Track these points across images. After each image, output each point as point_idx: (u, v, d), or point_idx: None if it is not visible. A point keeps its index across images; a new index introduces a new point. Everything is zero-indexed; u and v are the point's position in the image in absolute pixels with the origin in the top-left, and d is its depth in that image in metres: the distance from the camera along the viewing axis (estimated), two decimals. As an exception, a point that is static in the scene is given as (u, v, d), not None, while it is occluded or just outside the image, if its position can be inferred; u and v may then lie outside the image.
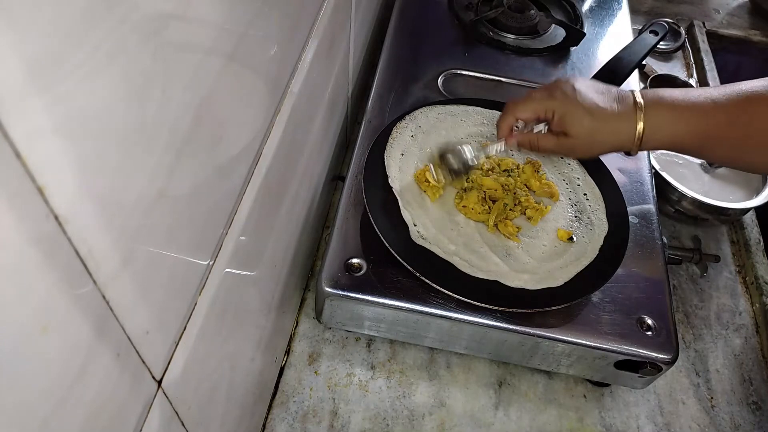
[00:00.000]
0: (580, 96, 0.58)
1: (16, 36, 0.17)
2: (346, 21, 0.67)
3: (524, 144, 0.63)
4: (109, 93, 0.23)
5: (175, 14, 0.27)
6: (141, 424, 0.32)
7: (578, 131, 0.58)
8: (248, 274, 0.47)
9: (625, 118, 0.57)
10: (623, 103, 0.57)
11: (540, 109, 0.61)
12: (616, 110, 0.57)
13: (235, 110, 0.37)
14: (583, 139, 0.59)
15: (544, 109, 0.60)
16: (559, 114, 0.59)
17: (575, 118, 0.58)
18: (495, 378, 0.69)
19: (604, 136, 0.58)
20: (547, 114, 0.60)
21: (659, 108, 0.56)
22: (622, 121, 0.57)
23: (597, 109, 0.57)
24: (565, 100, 0.59)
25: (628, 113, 0.57)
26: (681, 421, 0.68)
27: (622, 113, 0.57)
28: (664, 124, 0.56)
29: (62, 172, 0.21)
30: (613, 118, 0.57)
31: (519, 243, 0.62)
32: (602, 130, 0.58)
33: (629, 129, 0.57)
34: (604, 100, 0.58)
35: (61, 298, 0.22)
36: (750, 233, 0.85)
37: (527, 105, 0.61)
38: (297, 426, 0.64)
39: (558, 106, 0.59)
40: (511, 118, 0.63)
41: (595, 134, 0.58)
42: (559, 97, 0.59)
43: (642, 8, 1.21)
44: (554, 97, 0.60)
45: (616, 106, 0.57)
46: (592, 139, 0.59)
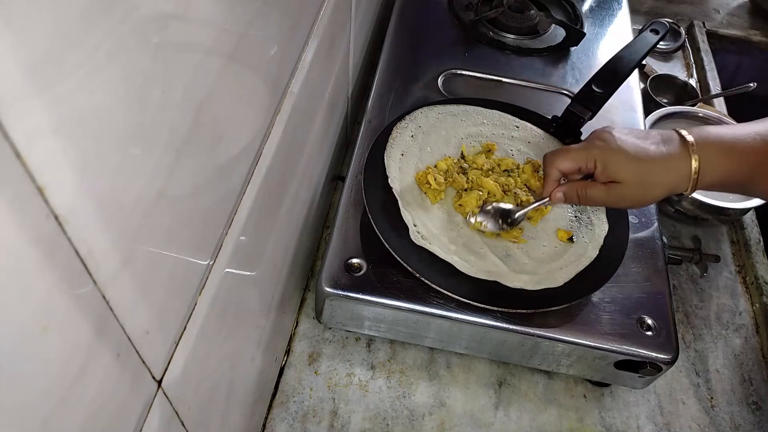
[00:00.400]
0: (620, 141, 0.56)
1: (16, 36, 0.17)
2: (346, 21, 0.67)
3: (571, 196, 0.60)
4: (109, 93, 0.23)
5: (175, 14, 0.27)
6: (141, 424, 0.32)
7: (626, 176, 0.56)
8: (248, 274, 0.47)
9: (675, 157, 0.55)
10: (669, 144, 0.55)
11: (581, 158, 0.58)
12: (664, 151, 0.55)
13: (235, 110, 0.37)
14: (633, 185, 0.56)
15: (585, 158, 0.58)
16: (601, 162, 0.57)
17: (619, 164, 0.56)
18: (495, 378, 0.69)
19: (656, 177, 0.56)
20: (588, 164, 0.58)
21: (709, 145, 0.54)
22: (673, 161, 0.55)
23: (641, 151, 0.55)
24: (606, 148, 0.56)
25: (679, 152, 0.55)
26: (681, 421, 0.68)
27: (671, 153, 0.55)
28: (716, 161, 0.54)
29: (62, 172, 0.21)
30: (661, 159, 0.55)
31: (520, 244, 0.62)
32: (653, 171, 0.55)
33: (682, 168, 0.54)
34: (647, 143, 0.56)
35: (61, 298, 0.22)
36: (750, 233, 0.85)
37: (567, 155, 0.59)
38: (297, 426, 0.64)
39: (599, 155, 0.57)
40: (553, 171, 0.60)
41: (644, 177, 0.56)
42: (599, 145, 0.57)
43: (642, 8, 1.21)
44: (594, 146, 0.57)
45: (663, 148, 0.55)
46: (643, 182, 0.56)
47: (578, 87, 0.75)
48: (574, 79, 0.85)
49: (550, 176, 0.61)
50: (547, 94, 0.82)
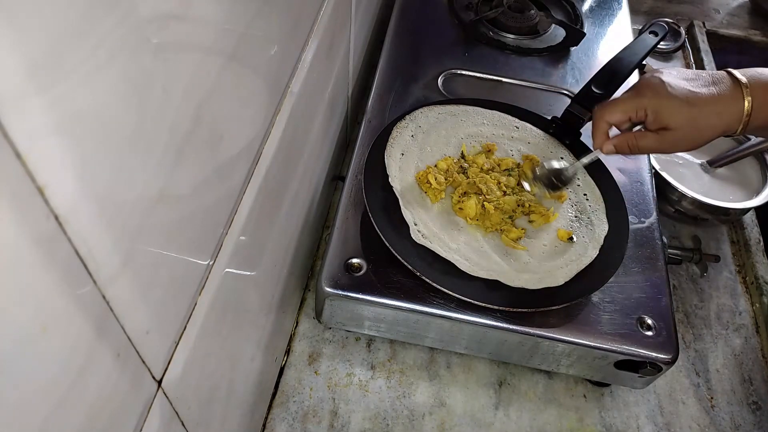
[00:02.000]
0: (670, 87, 0.55)
1: (16, 36, 0.17)
2: (346, 21, 0.67)
3: (622, 147, 0.60)
4: (109, 93, 0.23)
5: (175, 14, 0.27)
6: (141, 424, 0.32)
7: (678, 122, 0.55)
8: (248, 274, 0.47)
9: (727, 99, 0.54)
10: (721, 84, 0.55)
11: (630, 108, 0.58)
12: (715, 92, 0.55)
13: (235, 110, 0.37)
14: (685, 130, 0.55)
15: (635, 108, 0.57)
16: (652, 110, 0.56)
17: (672, 110, 0.55)
18: (495, 378, 0.69)
19: (708, 120, 0.55)
20: (639, 113, 0.57)
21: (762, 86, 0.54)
22: (725, 102, 0.54)
23: (693, 95, 0.55)
24: (656, 95, 0.56)
25: (731, 93, 0.54)
26: (681, 421, 0.68)
27: (723, 94, 0.54)
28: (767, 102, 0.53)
29: (62, 172, 0.21)
30: (713, 101, 0.54)
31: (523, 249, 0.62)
32: (704, 115, 0.55)
33: (735, 109, 0.54)
34: (696, 86, 0.55)
35: (61, 298, 0.22)
36: (750, 233, 0.85)
37: (617, 107, 0.59)
38: (297, 426, 0.64)
39: (649, 103, 0.56)
40: (603, 123, 0.60)
41: (697, 121, 0.55)
42: (648, 93, 0.57)
43: (642, 8, 1.21)
44: (643, 94, 0.57)
45: (714, 89, 0.55)
46: (695, 127, 0.55)
47: (578, 87, 0.75)
48: (574, 79, 0.85)
49: (599, 129, 0.60)
50: (547, 94, 0.82)
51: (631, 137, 0.59)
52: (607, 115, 0.59)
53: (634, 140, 0.59)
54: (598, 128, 0.61)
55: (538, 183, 0.64)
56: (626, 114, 0.58)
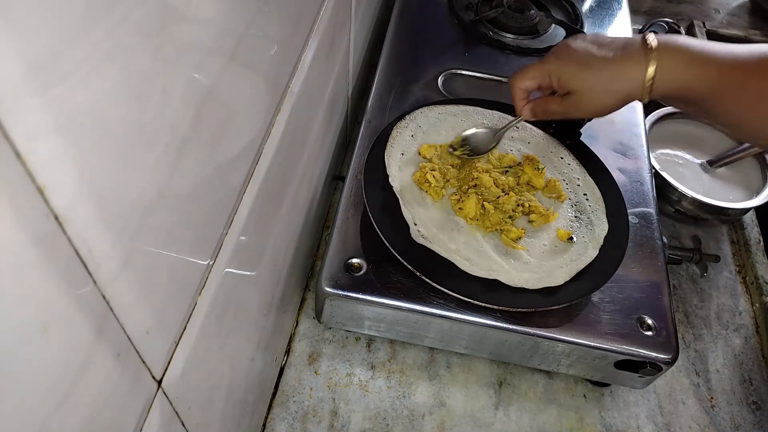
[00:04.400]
0: (573, 51, 0.56)
1: (16, 36, 0.17)
2: (346, 21, 0.67)
3: (536, 111, 0.62)
4: (109, 92, 0.23)
5: (175, 14, 0.27)
6: (141, 424, 0.32)
7: (579, 85, 0.56)
8: (248, 274, 0.47)
9: (631, 63, 0.53)
10: (628, 48, 0.54)
11: (537, 74, 0.59)
12: (619, 56, 0.54)
13: (235, 110, 0.37)
14: (586, 93, 0.56)
15: (541, 73, 0.59)
16: (556, 74, 0.57)
17: (572, 74, 0.56)
18: (495, 378, 0.69)
19: (607, 84, 0.55)
20: (544, 79, 0.59)
21: (672, 51, 0.53)
22: (628, 66, 0.54)
23: (593, 59, 0.55)
24: (558, 59, 0.57)
25: (635, 57, 0.53)
26: (681, 421, 0.68)
27: (626, 57, 0.54)
28: (678, 68, 0.52)
29: (62, 171, 0.21)
30: (614, 64, 0.54)
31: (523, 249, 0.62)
32: (604, 78, 0.55)
33: (637, 73, 0.53)
34: (603, 50, 0.55)
35: (61, 298, 0.22)
36: (750, 233, 0.85)
37: (525, 73, 0.60)
38: (297, 426, 0.64)
39: (552, 68, 0.58)
40: (516, 90, 0.62)
41: (597, 84, 0.55)
42: (551, 59, 0.58)
43: (642, 8, 1.21)
44: (547, 60, 0.59)
45: (619, 53, 0.55)
46: (595, 90, 0.56)
47: (578, 87, 0.75)
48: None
49: (514, 96, 0.62)
50: (547, 94, 0.82)
51: (541, 101, 0.61)
52: (518, 82, 0.61)
53: (543, 104, 0.60)
54: (513, 95, 0.63)
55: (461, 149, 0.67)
56: (534, 80, 0.60)
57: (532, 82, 0.61)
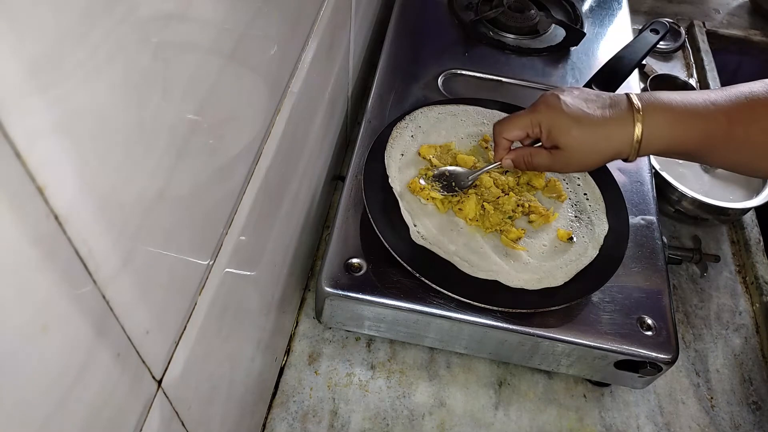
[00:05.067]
0: (565, 105, 0.55)
1: (16, 36, 0.17)
2: (346, 21, 0.67)
3: (519, 162, 0.61)
4: (109, 93, 0.23)
5: (175, 14, 0.27)
6: (141, 424, 0.32)
7: (568, 142, 0.55)
8: (248, 274, 0.47)
9: (619, 123, 0.54)
10: (616, 108, 0.55)
11: (526, 125, 0.58)
12: (608, 115, 0.54)
13: (235, 110, 0.37)
14: (575, 151, 0.56)
15: (530, 124, 0.58)
16: (545, 127, 0.56)
17: (563, 129, 0.55)
18: (495, 378, 0.69)
19: (597, 143, 0.55)
20: (533, 129, 0.58)
21: (657, 110, 0.54)
22: (616, 126, 0.54)
23: (584, 116, 0.54)
24: (549, 112, 0.56)
25: (623, 117, 0.54)
26: (681, 421, 0.68)
27: (614, 118, 0.54)
28: (664, 127, 0.53)
29: (62, 172, 0.21)
30: (604, 124, 0.54)
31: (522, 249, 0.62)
32: (593, 138, 0.55)
33: (625, 134, 0.54)
34: (592, 107, 0.55)
35: (61, 298, 0.22)
36: (750, 233, 0.85)
37: (513, 123, 0.59)
38: (297, 426, 0.64)
39: (543, 119, 0.56)
40: (500, 140, 0.60)
41: (586, 142, 0.55)
42: (543, 110, 0.57)
43: (642, 8, 1.21)
44: (538, 110, 0.57)
45: (608, 112, 0.55)
46: (584, 148, 0.56)
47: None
48: (574, 79, 0.85)
49: (498, 144, 0.61)
50: (547, 94, 0.82)
51: (527, 153, 0.60)
52: (505, 132, 0.60)
53: (529, 156, 0.60)
54: (497, 143, 0.61)
55: (435, 183, 0.64)
56: (522, 130, 0.59)
57: (520, 132, 0.59)
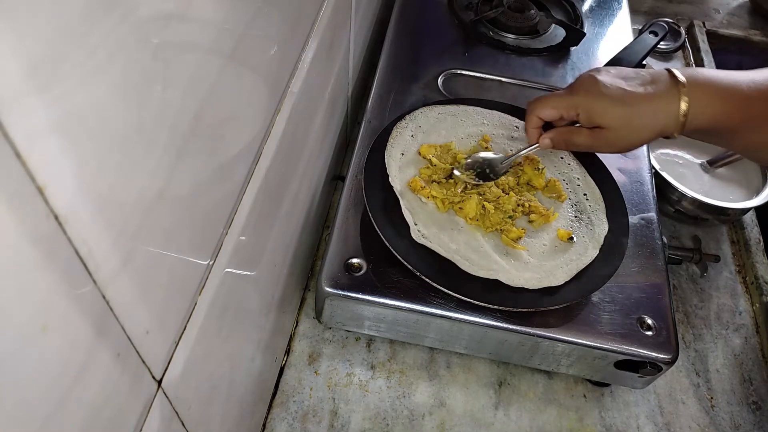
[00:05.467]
0: (603, 86, 0.54)
1: (16, 36, 0.17)
2: (346, 21, 0.67)
3: (558, 143, 0.59)
4: (109, 93, 0.23)
5: (175, 14, 0.27)
6: (141, 424, 0.32)
7: (611, 122, 0.54)
8: (248, 274, 0.47)
9: (663, 98, 0.52)
10: (658, 83, 0.53)
11: (562, 106, 0.56)
12: (651, 91, 0.53)
13: (235, 110, 0.37)
14: (619, 130, 0.54)
15: (566, 106, 0.56)
16: (584, 109, 0.55)
17: (604, 109, 0.54)
18: (495, 378, 0.69)
19: (642, 120, 0.53)
20: (569, 112, 0.56)
21: (701, 85, 0.52)
22: (661, 102, 0.52)
23: (626, 94, 0.53)
24: (588, 94, 0.55)
25: (667, 92, 0.52)
26: (681, 421, 0.68)
27: (658, 94, 0.52)
28: (708, 102, 0.52)
29: (62, 172, 0.21)
30: (647, 100, 0.53)
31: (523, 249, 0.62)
32: (639, 114, 0.53)
33: (671, 108, 0.52)
34: (632, 85, 0.54)
35: (61, 297, 0.22)
36: (750, 233, 0.85)
37: (548, 102, 0.57)
38: (297, 426, 0.64)
39: (581, 102, 0.55)
40: (533, 118, 0.59)
41: (631, 121, 0.53)
42: (580, 92, 0.55)
43: (642, 8, 1.21)
44: (576, 92, 0.56)
45: (650, 88, 0.53)
46: (630, 126, 0.54)
47: (578, 87, 0.75)
48: (574, 79, 0.85)
49: (530, 123, 0.59)
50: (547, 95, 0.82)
51: (567, 133, 0.58)
52: (538, 110, 0.58)
53: (569, 136, 0.58)
54: (529, 122, 0.59)
55: (469, 172, 0.64)
56: (557, 111, 0.57)
57: (554, 112, 0.58)
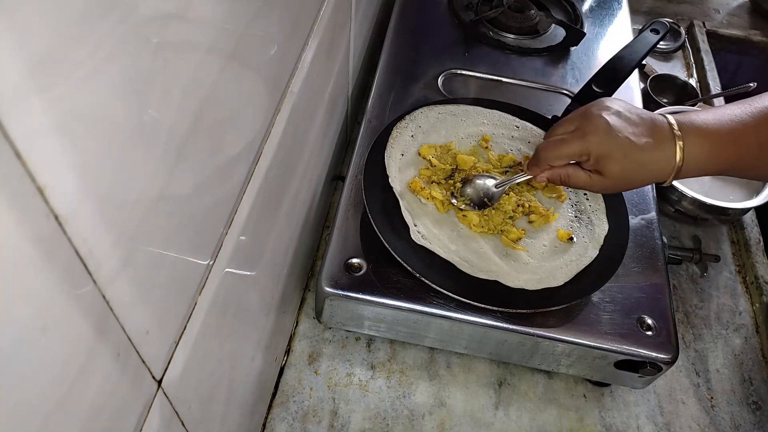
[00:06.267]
0: (615, 134, 0.55)
1: (17, 36, 0.17)
2: (346, 21, 0.67)
3: (554, 180, 0.61)
4: (109, 93, 0.23)
5: (175, 14, 0.27)
6: (141, 424, 0.32)
7: (613, 172, 0.56)
8: (248, 274, 0.47)
9: (662, 150, 0.55)
10: (659, 135, 0.55)
11: (576, 153, 0.57)
12: (653, 143, 0.55)
13: (235, 110, 0.37)
14: (618, 179, 0.56)
15: (580, 153, 0.57)
16: (595, 157, 0.56)
17: (611, 159, 0.55)
18: (495, 378, 0.69)
19: (640, 173, 0.56)
20: (582, 157, 0.57)
21: (694, 136, 0.54)
22: (660, 153, 0.55)
23: (631, 145, 0.55)
24: (601, 142, 0.56)
25: (665, 144, 0.55)
26: (681, 421, 0.68)
27: (658, 145, 0.55)
28: (700, 153, 0.54)
29: (62, 171, 0.21)
30: (649, 151, 0.55)
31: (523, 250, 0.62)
32: (638, 167, 0.56)
33: (667, 161, 0.55)
34: (638, 132, 0.55)
35: (61, 298, 0.22)
36: (750, 233, 0.85)
37: (562, 151, 0.58)
38: (297, 426, 0.64)
39: (594, 149, 0.56)
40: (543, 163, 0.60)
41: (632, 173, 0.56)
42: (594, 139, 0.56)
43: (642, 8, 1.21)
44: (588, 138, 0.56)
45: (652, 139, 0.55)
46: (629, 178, 0.57)
47: (578, 87, 0.75)
48: (574, 79, 0.85)
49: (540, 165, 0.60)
50: (547, 94, 0.82)
51: (564, 173, 0.60)
52: (553, 159, 0.59)
53: (566, 177, 0.60)
54: (539, 163, 0.60)
55: (465, 199, 0.63)
56: (571, 158, 0.59)
57: (567, 161, 0.59)
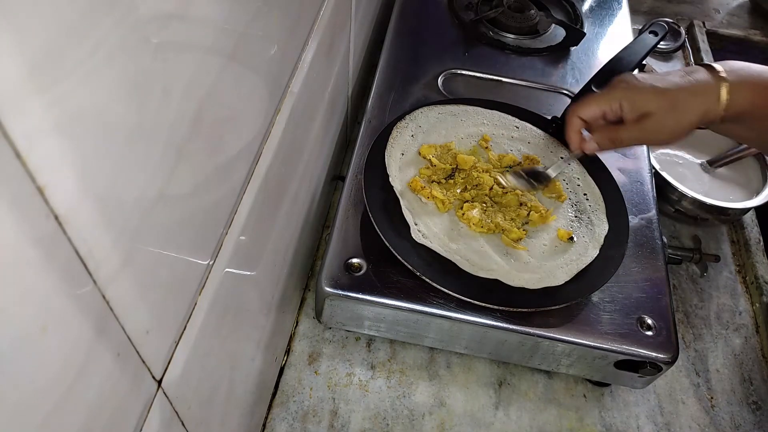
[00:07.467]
0: (644, 78, 0.55)
1: (17, 35, 0.17)
2: (346, 21, 0.67)
3: (604, 143, 0.59)
4: (109, 92, 0.23)
5: (175, 14, 0.27)
6: (141, 424, 0.32)
7: (656, 106, 0.54)
8: (248, 274, 0.47)
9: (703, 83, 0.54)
10: (695, 74, 0.55)
11: (605, 103, 0.56)
12: (691, 79, 0.54)
13: (235, 110, 0.37)
14: (665, 114, 0.54)
15: (609, 102, 0.56)
16: (628, 100, 0.55)
17: (647, 96, 0.54)
18: (495, 378, 0.69)
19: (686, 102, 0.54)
20: (613, 105, 0.56)
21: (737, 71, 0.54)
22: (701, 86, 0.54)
23: (665, 83, 0.54)
24: (629, 87, 0.55)
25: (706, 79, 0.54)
26: (681, 421, 0.68)
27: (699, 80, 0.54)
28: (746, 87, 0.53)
29: (62, 172, 0.21)
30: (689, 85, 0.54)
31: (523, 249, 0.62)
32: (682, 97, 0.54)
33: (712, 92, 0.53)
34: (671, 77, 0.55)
35: (61, 298, 0.22)
36: (750, 233, 0.85)
37: (590, 101, 0.57)
38: (297, 426, 0.64)
39: (623, 95, 0.55)
40: (575, 120, 0.58)
41: (677, 103, 0.54)
42: (619, 87, 0.56)
43: (642, 8, 1.21)
44: (615, 88, 0.56)
45: (689, 77, 0.54)
46: (675, 109, 0.54)
47: (578, 87, 0.75)
48: (574, 79, 0.85)
49: (573, 127, 0.59)
50: (547, 94, 0.82)
51: (612, 130, 0.58)
52: (580, 111, 0.58)
53: (615, 133, 0.57)
54: (571, 125, 0.59)
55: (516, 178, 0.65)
56: (600, 108, 0.57)
57: (597, 109, 0.57)
